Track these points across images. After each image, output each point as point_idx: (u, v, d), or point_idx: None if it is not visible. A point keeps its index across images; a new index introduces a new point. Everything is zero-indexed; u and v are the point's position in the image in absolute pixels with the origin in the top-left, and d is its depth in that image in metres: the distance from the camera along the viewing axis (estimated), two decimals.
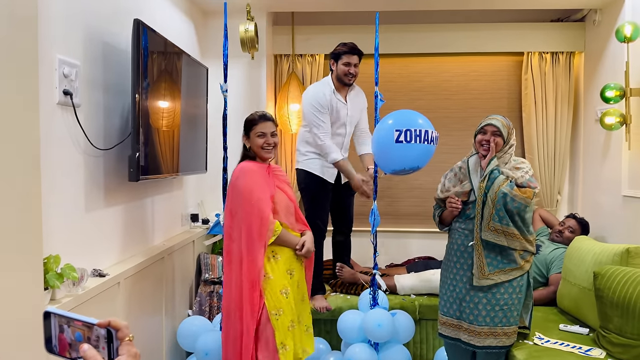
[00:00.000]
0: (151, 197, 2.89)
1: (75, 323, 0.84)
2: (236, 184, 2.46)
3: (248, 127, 2.52)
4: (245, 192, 2.42)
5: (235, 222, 2.44)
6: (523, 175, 2.48)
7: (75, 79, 2.06)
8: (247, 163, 2.51)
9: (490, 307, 2.46)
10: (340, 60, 3.22)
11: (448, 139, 4.24)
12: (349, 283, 3.51)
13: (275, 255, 2.47)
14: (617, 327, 2.49)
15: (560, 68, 4.08)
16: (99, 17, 2.31)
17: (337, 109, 3.27)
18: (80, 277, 1.96)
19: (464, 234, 2.55)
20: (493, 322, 2.45)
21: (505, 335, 2.47)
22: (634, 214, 3.31)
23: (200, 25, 3.78)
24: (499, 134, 2.50)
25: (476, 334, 2.47)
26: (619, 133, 3.41)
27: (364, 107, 3.46)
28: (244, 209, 2.42)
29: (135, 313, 2.51)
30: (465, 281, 2.52)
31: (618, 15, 3.52)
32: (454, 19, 4.20)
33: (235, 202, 2.45)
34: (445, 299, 2.61)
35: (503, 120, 2.54)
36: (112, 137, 2.41)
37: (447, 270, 2.62)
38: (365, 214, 3.59)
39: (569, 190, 4.23)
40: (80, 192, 2.16)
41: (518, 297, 2.48)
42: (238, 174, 2.48)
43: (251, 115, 2.56)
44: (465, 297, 2.52)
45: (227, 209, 2.51)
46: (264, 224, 2.39)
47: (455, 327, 2.56)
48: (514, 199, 2.41)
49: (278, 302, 2.41)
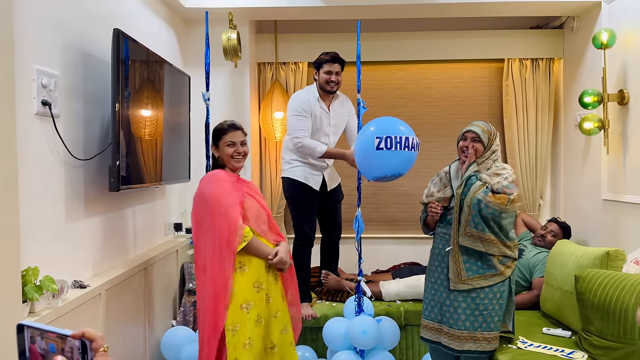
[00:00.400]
0: (133, 207, 2.87)
1: (48, 335, 0.83)
2: (203, 192, 2.38)
3: (217, 137, 2.47)
4: (212, 200, 2.33)
5: (202, 231, 2.36)
6: (500, 181, 2.48)
7: (54, 89, 2.05)
8: (216, 172, 2.45)
9: (469, 311, 2.48)
10: (322, 69, 3.24)
11: (430, 145, 4.28)
12: (335, 290, 3.51)
13: (242, 267, 2.35)
14: (598, 329, 2.52)
15: (540, 74, 4.15)
16: (79, 27, 2.30)
17: (320, 117, 3.28)
18: (60, 289, 1.93)
19: (444, 238, 2.58)
20: (473, 326, 2.47)
21: (486, 340, 2.47)
22: (613, 217, 3.36)
23: (182, 33, 3.77)
24: (478, 140, 2.53)
25: (456, 338, 2.49)
26: (598, 138, 3.46)
27: (351, 115, 3.45)
28: (211, 217, 2.32)
29: (118, 324, 2.48)
30: (446, 285, 2.54)
31: (595, 22, 3.59)
32: (435, 26, 4.24)
33: (202, 210, 2.36)
34: (427, 303, 2.65)
35: (484, 127, 2.56)
36: (92, 147, 2.39)
37: (430, 274, 2.65)
38: (350, 221, 3.60)
39: (550, 194, 4.29)
40: (60, 203, 2.14)
41: (499, 302, 2.49)
42: (206, 182, 2.41)
43: (220, 124, 2.50)
44: (445, 301, 2.54)
45: (193, 219, 2.43)
46: (232, 231, 2.28)
47: (436, 331, 2.59)
48: (488, 205, 2.42)
49: (236, 317, 2.29)
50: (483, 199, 2.42)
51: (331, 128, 3.32)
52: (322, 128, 3.29)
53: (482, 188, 2.46)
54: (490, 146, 2.56)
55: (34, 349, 0.84)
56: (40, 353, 0.83)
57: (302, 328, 3.29)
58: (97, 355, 0.82)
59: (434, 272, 2.63)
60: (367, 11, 3.70)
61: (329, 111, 3.32)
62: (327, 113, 3.31)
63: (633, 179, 3.13)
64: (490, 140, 2.55)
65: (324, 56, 3.25)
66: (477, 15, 3.87)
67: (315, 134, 3.27)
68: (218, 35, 3.64)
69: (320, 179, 3.33)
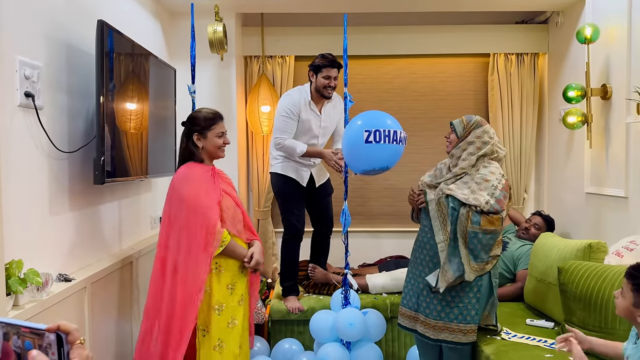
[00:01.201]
0: (118, 200, 2.85)
1: (23, 331, 0.81)
2: (179, 190, 2.28)
3: (206, 126, 2.37)
4: (189, 200, 2.26)
5: (174, 230, 2.27)
6: (488, 200, 2.41)
7: (37, 81, 2.02)
8: (192, 166, 2.35)
9: (445, 303, 2.50)
10: (320, 73, 3.19)
11: (416, 139, 4.30)
12: (322, 283, 3.53)
13: (219, 268, 2.32)
14: (580, 320, 2.56)
15: (525, 69, 4.18)
16: (63, 18, 2.27)
17: (309, 120, 3.27)
18: (45, 282, 1.92)
19: (424, 230, 2.62)
20: (448, 317, 2.49)
21: (462, 332, 2.48)
22: (596, 210, 3.41)
23: (167, 26, 3.74)
24: (453, 130, 2.59)
25: (431, 327, 2.52)
26: (581, 132, 3.51)
27: (341, 115, 3.44)
28: (187, 217, 2.24)
29: (103, 318, 2.46)
30: (424, 276, 2.57)
31: (579, 17, 3.63)
32: (422, 21, 4.26)
33: (177, 208, 2.28)
34: (406, 292, 2.69)
35: (465, 119, 2.59)
36: (77, 140, 2.37)
37: (411, 264, 2.70)
38: (337, 214, 3.61)
39: (535, 188, 4.34)
40: (44, 196, 2.11)
41: (476, 296, 2.50)
42: (182, 178, 2.31)
43: (206, 113, 2.41)
44: (422, 292, 2.58)
45: (165, 215, 2.32)
46: (210, 233, 2.22)
47: (412, 319, 2.63)
48: (485, 234, 2.41)
49: (208, 319, 2.27)
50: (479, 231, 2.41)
51: (321, 130, 3.33)
52: (312, 130, 3.29)
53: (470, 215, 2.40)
54: (466, 136, 2.55)
55: (6, 347, 0.81)
56: (15, 351, 0.81)
57: (289, 321, 3.31)
58: (73, 347, 0.80)
59: (413, 262, 2.67)
60: (354, 4, 3.70)
61: (321, 114, 3.31)
62: (318, 115, 3.30)
63: (615, 173, 3.17)
64: (466, 131, 2.55)
65: (322, 60, 3.20)
66: (463, 9, 3.89)
67: (303, 135, 3.26)
68: (204, 27, 3.61)
69: (307, 174, 3.34)
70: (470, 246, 2.42)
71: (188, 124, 2.41)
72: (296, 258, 3.42)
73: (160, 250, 2.32)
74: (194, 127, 2.38)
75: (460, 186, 2.50)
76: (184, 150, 2.40)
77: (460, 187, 2.50)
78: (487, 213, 2.41)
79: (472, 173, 2.52)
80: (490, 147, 2.55)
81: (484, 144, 2.54)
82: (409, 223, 4.24)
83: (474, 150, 2.54)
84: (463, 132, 2.55)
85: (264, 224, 4.22)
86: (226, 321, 2.31)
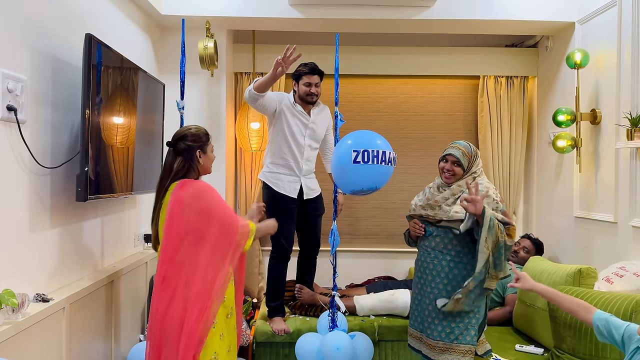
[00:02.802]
0: (101, 217, 2.78)
1: None
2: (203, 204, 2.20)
3: (206, 142, 2.36)
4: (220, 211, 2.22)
5: (190, 242, 2.19)
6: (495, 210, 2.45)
7: (20, 94, 1.97)
8: (195, 181, 2.29)
9: (446, 323, 2.49)
10: (301, 80, 3.22)
11: (406, 159, 4.29)
12: (308, 305, 3.46)
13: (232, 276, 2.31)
14: (570, 347, 2.53)
15: (514, 92, 4.20)
16: (49, 31, 2.23)
17: (292, 120, 3.23)
18: (21, 303, 1.84)
19: (426, 251, 2.60)
20: (449, 338, 2.49)
21: (461, 352, 2.49)
22: (585, 234, 3.40)
23: (157, 40, 3.71)
24: (458, 164, 2.53)
25: (432, 348, 2.53)
26: (571, 156, 3.51)
27: (329, 124, 3.44)
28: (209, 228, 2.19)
29: (82, 339, 2.38)
30: (426, 297, 2.57)
31: (569, 42, 3.66)
32: (413, 42, 4.27)
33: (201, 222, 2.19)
34: (412, 312, 2.70)
35: (465, 149, 2.55)
36: (60, 155, 2.31)
37: (414, 285, 2.69)
38: (325, 234, 3.56)
39: (523, 210, 4.33)
40: (24, 212, 2.04)
41: (476, 317, 2.50)
42: (205, 190, 2.24)
43: (201, 129, 2.37)
44: (424, 311, 2.58)
45: (174, 232, 2.20)
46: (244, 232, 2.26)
47: (418, 339, 2.65)
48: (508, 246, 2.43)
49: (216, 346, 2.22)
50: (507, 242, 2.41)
51: (308, 131, 3.28)
52: (298, 131, 3.25)
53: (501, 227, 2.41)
54: (470, 169, 2.56)
55: None
56: None
57: (275, 343, 3.24)
58: None
59: (417, 282, 2.65)
60: (346, 25, 3.70)
61: (310, 115, 3.29)
62: (306, 116, 3.27)
63: (604, 197, 3.17)
64: (470, 163, 2.56)
65: (303, 68, 3.23)
66: (454, 32, 3.91)
67: (289, 136, 3.23)
68: (194, 43, 3.59)
69: (297, 186, 3.28)
70: (495, 255, 2.40)
71: (184, 142, 2.30)
72: (283, 278, 3.35)
73: (164, 266, 2.19)
74: (196, 144, 2.32)
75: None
76: (180, 167, 2.29)
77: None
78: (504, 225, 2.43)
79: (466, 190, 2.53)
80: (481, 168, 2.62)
81: (479, 168, 2.60)
82: (397, 243, 4.25)
83: (475, 176, 2.57)
84: (468, 165, 2.55)
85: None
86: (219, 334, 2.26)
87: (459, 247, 2.50)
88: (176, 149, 2.31)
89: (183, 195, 2.20)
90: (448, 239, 2.51)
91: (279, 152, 3.27)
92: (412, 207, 2.70)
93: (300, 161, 3.27)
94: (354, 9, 3.55)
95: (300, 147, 3.26)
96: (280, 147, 3.26)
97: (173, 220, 2.19)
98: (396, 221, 4.33)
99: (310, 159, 3.34)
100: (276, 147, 3.27)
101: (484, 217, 2.35)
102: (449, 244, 2.51)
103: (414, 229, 2.63)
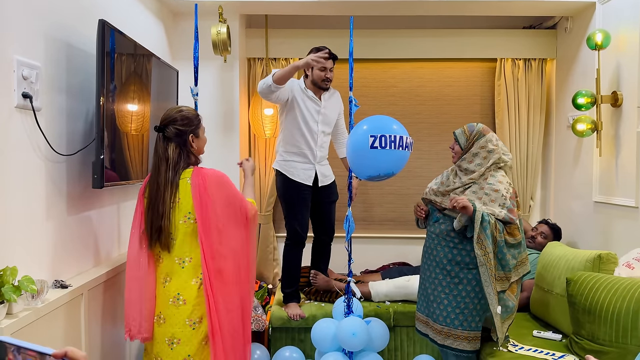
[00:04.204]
0: (117, 204, 2.79)
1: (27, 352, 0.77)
2: (227, 193, 2.19)
3: (198, 125, 2.25)
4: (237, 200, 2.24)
5: (228, 236, 2.18)
6: (501, 211, 2.46)
7: (35, 82, 1.97)
8: (206, 168, 2.24)
9: (451, 308, 2.53)
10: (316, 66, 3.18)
11: (421, 144, 4.25)
12: (323, 290, 3.46)
13: None
14: (589, 333, 2.50)
15: (532, 74, 4.12)
16: (62, 17, 2.22)
17: (304, 105, 3.21)
18: (40, 289, 1.86)
19: (431, 237, 2.64)
20: (453, 323, 2.52)
21: (466, 339, 2.51)
22: (604, 219, 3.35)
23: (170, 26, 3.69)
24: (457, 143, 2.60)
25: (438, 332, 2.57)
26: (590, 140, 3.44)
27: (341, 109, 3.43)
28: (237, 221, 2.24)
29: (100, 325, 2.40)
30: (431, 282, 2.61)
31: (589, 23, 3.56)
32: (428, 24, 4.20)
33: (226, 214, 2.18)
34: (420, 297, 2.75)
35: (467, 128, 2.60)
36: (75, 142, 2.31)
37: (421, 270, 2.74)
38: (340, 220, 3.55)
39: (541, 195, 4.27)
40: (40, 200, 2.05)
41: (481, 302, 2.50)
42: (223, 181, 2.21)
43: (192, 111, 2.27)
44: (430, 296, 2.63)
45: (208, 225, 2.14)
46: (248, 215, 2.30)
47: (425, 323, 2.70)
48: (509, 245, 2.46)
49: None
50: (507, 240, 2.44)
51: (320, 116, 3.26)
52: (311, 116, 3.23)
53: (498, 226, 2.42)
54: (469, 147, 2.53)
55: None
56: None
57: (290, 328, 3.25)
58: None
59: (423, 267, 2.70)
60: (360, 7, 3.64)
61: (320, 100, 3.26)
62: (317, 100, 3.25)
63: (625, 182, 3.11)
64: (469, 142, 2.54)
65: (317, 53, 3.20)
66: (470, 13, 3.83)
67: (302, 121, 3.20)
68: (207, 29, 3.56)
69: (312, 173, 3.27)
70: (499, 256, 2.40)
71: (175, 126, 2.20)
72: (298, 264, 3.36)
73: (211, 261, 2.14)
74: (188, 128, 2.22)
75: (470, 196, 2.48)
76: (176, 155, 2.19)
77: (471, 197, 2.48)
78: (504, 223, 2.44)
79: (480, 182, 2.51)
80: (496, 155, 2.56)
81: (490, 152, 2.55)
82: (412, 229, 4.22)
83: (481, 161, 2.55)
84: (466, 143, 2.55)
85: (265, 229, 4.16)
86: None
87: (461, 236, 2.50)
88: (166, 135, 2.20)
89: (208, 187, 2.15)
90: (451, 227, 2.52)
91: (292, 140, 3.25)
92: (427, 190, 2.72)
93: (314, 148, 3.25)
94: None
95: (314, 133, 3.24)
96: (294, 135, 3.23)
97: (207, 213, 2.14)
98: (411, 207, 4.26)
99: (323, 146, 3.32)
100: (289, 136, 3.25)
101: (475, 217, 2.37)
102: (452, 232, 2.53)
103: (416, 211, 2.73)
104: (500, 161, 2.57)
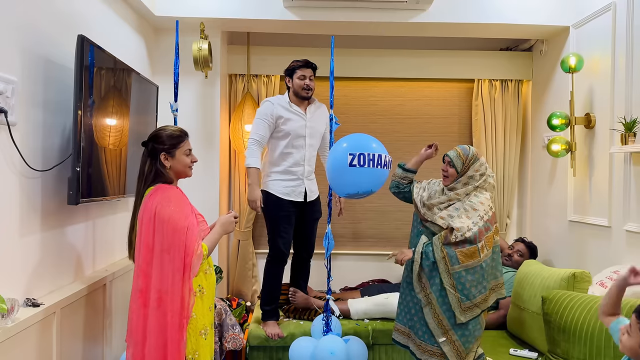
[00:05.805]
0: (93, 220, 2.75)
1: None
2: (162, 214, 2.08)
3: (174, 144, 2.21)
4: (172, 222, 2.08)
5: (156, 256, 2.09)
6: (470, 227, 2.44)
7: (11, 96, 1.94)
8: (168, 189, 2.18)
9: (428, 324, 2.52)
10: (295, 74, 3.21)
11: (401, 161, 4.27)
12: (302, 308, 3.44)
13: (202, 290, 2.20)
14: (564, 351, 2.52)
15: (509, 95, 4.21)
16: (40, 32, 2.20)
17: (290, 119, 3.22)
18: (10, 308, 1.81)
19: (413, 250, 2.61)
20: (431, 340, 2.51)
21: (442, 356, 2.50)
22: (579, 238, 3.41)
23: (151, 42, 3.68)
24: (452, 165, 2.56)
25: (417, 346, 2.56)
26: (565, 160, 3.52)
27: (327, 122, 3.41)
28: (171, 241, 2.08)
29: (73, 344, 2.35)
30: (413, 295, 2.60)
31: (563, 46, 3.66)
32: (408, 45, 4.27)
33: (159, 233, 2.09)
34: (401, 309, 2.72)
35: (461, 151, 2.58)
36: (51, 158, 2.28)
37: (403, 280, 2.71)
38: (320, 237, 3.54)
39: (517, 214, 4.33)
40: (14, 216, 2.01)
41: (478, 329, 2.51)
42: (165, 202, 2.10)
43: (171, 131, 2.24)
44: (411, 310, 2.62)
45: (144, 243, 2.10)
46: (188, 255, 2.08)
47: (406, 335, 2.67)
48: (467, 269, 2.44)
49: (196, 345, 2.16)
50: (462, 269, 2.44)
51: (308, 130, 3.26)
52: (298, 130, 3.22)
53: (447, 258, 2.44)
54: (465, 171, 2.55)
55: None
56: None
57: (268, 347, 3.21)
58: None
59: (408, 282, 2.66)
60: (341, 27, 3.69)
61: (305, 113, 3.27)
62: (302, 114, 3.25)
63: (598, 202, 3.18)
64: (465, 166, 2.55)
65: (296, 62, 3.24)
66: (450, 35, 3.90)
67: (290, 136, 3.20)
68: (188, 45, 3.56)
69: (302, 189, 3.25)
70: (458, 287, 2.41)
71: (152, 143, 2.21)
72: (279, 282, 3.33)
73: (140, 278, 2.12)
74: (160, 146, 2.20)
75: (452, 212, 2.50)
76: (149, 171, 2.20)
77: (452, 213, 2.50)
78: (460, 244, 2.42)
79: (463, 200, 2.53)
80: (490, 178, 2.61)
81: (482, 175, 2.59)
82: (393, 246, 4.23)
83: (474, 183, 2.57)
84: (462, 167, 2.55)
85: (245, 245, 4.13)
86: (210, 345, 2.24)
87: None
88: (147, 150, 2.24)
89: (149, 204, 2.11)
90: (431, 240, 2.53)
91: (280, 158, 3.24)
92: (416, 191, 2.72)
93: (302, 163, 3.25)
94: (349, 11, 3.53)
95: (301, 148, 3.24)
96: (282, 151, 3.23)
97: (142, 230, 2.11)
98: (392, 224, 4.32)
99: (311, 160, 3.32)
100: (277, 156, 3.24)
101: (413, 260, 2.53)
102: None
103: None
104: (486, 183, 2.60)
